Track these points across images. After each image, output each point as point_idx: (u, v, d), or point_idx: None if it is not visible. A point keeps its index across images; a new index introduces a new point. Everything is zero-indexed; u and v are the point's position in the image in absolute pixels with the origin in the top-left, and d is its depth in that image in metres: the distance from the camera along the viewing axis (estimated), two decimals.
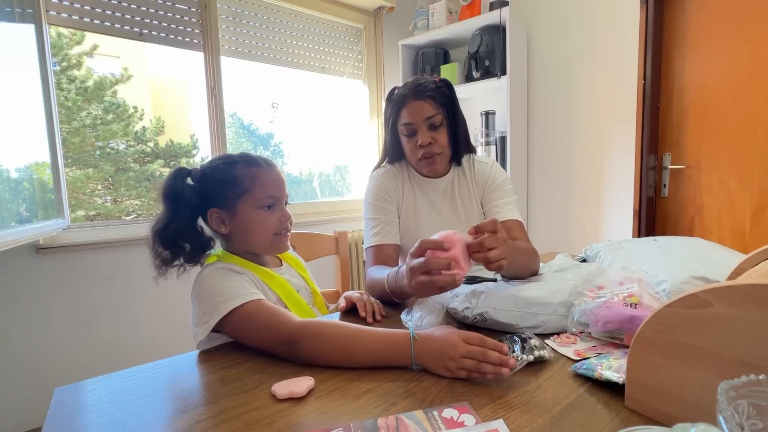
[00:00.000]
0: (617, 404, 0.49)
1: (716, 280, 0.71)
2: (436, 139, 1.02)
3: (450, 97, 1.04)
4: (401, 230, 1.10)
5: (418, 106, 1.00)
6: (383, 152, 1.16)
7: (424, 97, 1.00)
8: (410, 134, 1.04)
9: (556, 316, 0.70)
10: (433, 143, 1.02)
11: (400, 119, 1.04)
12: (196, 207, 0.78)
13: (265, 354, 0.66)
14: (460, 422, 0.46)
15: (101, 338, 1.73)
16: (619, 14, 2.03)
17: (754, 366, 0.37)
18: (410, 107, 1.01)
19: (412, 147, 1.04)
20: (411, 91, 1.01)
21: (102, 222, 1.91)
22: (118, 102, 2.50)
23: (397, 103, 1.04)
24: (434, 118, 1.01)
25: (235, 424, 0.48)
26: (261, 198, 0.79)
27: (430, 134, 1.01)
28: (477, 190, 1.12)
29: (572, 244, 2.25)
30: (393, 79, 2.68)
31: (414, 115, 1.01)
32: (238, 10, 2.13)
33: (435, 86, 1.02)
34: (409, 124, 1.02)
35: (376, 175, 1.12)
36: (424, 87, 1.01)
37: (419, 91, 1.01)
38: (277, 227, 0.81)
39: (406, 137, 1.05)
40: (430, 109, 1.00)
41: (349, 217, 2.53)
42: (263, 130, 2.79)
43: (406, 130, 1.04)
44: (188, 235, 0.77)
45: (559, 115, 2.30)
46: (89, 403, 0.54)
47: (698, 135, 1.94)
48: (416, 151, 1.03)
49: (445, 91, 1.03)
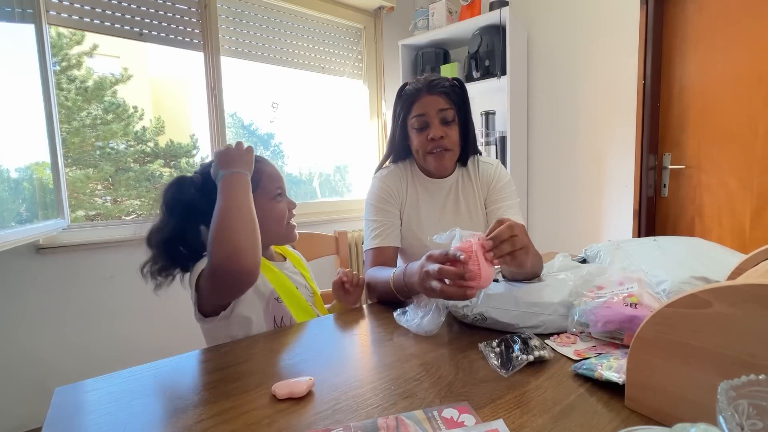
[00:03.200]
0: (617, 404, 0.49)
1: (716, 280, 0.71)
2: (447, 135, 1.01)
3: (463, 97, 1.05)
4: (403, 231, 1.10)
5: (431, 100, 1.00)
6: (387, 150, 1.15)
7: (438, 92, 1.00)
8: (422, 127, 1.02)
9: (556, 316, 0.70)
10: (445, 138, 1.01)
11: (412, 112, 1.03)
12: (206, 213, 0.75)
13: (265, 354, 0.66)
14: (460, 422, 0.46)
15: (101, 338, 1.73)
16: (619, 14, 2.03)
17: (754, 366, 0.37)
18: (424, 100, 1.01)
19: (422, 141, 1.02)
20: (425, 86, 1.02)
21: (102, 222, 1.91)
22: (118, 102, 2.50)
23: (409, 96, 1.03)
24: (447, 113, 1.01)
25: (235, 424, 0.48)
26: (272, 189, 0.85)
27: (442, 129, 1.01)
28: (481, 191, 1.12)
29: (572, 244, 2.25)
30: (393, 79, 2.68)
31: (427, 107, 1.00)
32: (238, 10, 2.13)
33: (449, 84, 1.03)
34: (421, 115, 1.01)
35: (379, 176, 1.11)
36: (438, 83, 1.02)
37: (433, 86, 1.01)
38: (288, 215, 0.87)
39: (416, 130, 1.03)
40: (444, 103, 1.00)
41: (349, 217, 2.53)
42: (263, 130, 2.78)
43: (417, 123, 1.02)
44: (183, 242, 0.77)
45: (559, 115, 2.30)
46: (89, 403, 0.54)
47: (698, 135, 1.94)
48: (426, 145, 1.02)
49: (458, 89, 1.04)
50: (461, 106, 1.04)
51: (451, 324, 0.77)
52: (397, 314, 0.76)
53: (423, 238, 1.07)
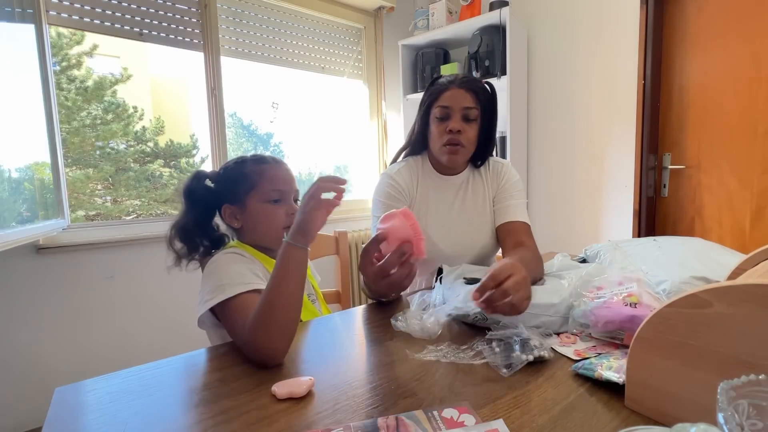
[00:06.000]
0: (617, 404, 0.49)
1: (716, 280, 0.71)
2: (465, 131, 1.02)
3: (491, 101, 1.05)
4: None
5: (459, 94, 1.01)
6: (407, 140, 1.16)
7: (468, 89, 1.02)
8: (443, 117, 1.03)
9: (556, 317, 0.70)
10: (462, 133, 1.01)
11: (438, 101, 1.03)
12: (210, 204, 0.86)
13: None
14: (460, 422, 0.46)
15: (101, 338, 1.73)
16: (619, 14, 2.03)
17: (754, 366, 0.37)
18: (451, 92, 1.02)
19: (440, 131, 1.03)
20: (457, 81, 1.03)
21: (102, 222, 1.91)
22: (118, 102, 2.50)
23: (439, 86, 1.05)
24: (471, 111, 1.01)
25: (235, 424, 0.48)
26: (267, 192, 0.84)
27: (461, 124, 1.01)
28: (491, 188, 1.13)
29: (572, 244, 2.25)
30: (393, 79, 2.68)
31: (453, 100, 1.01)
32: (238, 10, 2.13)
33: (481, 85, 1.04)
34: (445, 107, 1.02)
35: (388, 172, 1.11)
36: (471, 81, 1.03)
37: (465, 82, 1.02)
38: (285, 221, 0.85)
39: (437, 120, 1.04)
40: (470, 101, 1.01)
41: (349, 217, 2.53)
42: (263, 130, 2.79)
43: (440, 113, 1.03)
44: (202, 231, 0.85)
45: (559, 114, 2.30)
46: (89, 403, 0.54)
47: (698, 135, 1.94)
48: (443, 137, 1.03)
49: (488, 93, 1.05)
50: (487, 109, 1.05)
51: (451, 324, 0.77)
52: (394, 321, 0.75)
53: (431, 235, 1.07)
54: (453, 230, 1.09)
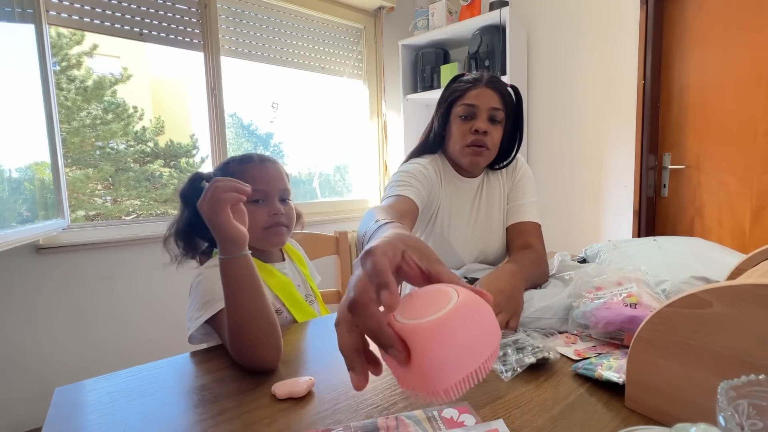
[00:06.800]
0: (617, 404, 0.49)
1: (716, 280, 0.71)
2: (491, 133, 0.96)
3: (517, 105, 1.01)
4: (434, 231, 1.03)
5: (487, 93, 0.96)
6: (423, 140, 1.07)
7: (495, 89, 0.97)
8: (468, 116, 0.97)
9: (556, 319, 0.70)
10: (488, 134, 0.96)
11: (462, 99, 0.97)
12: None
13: None
14: (460, 422, 0.46)
15: (101, 338, 1.73)
16: (619, 14, 2.03)
17: (754, 366, 0.37)
18: (479, 91, 0.96)
19: (464, 131, 0.97)
20: (485, 79, 0.98)
21: (102, 222, 1.91)
22: (117, 102, 2.50)
23: (465, 83, 0.99)
24: (498, 113, 0.97)
25: (235, 424, 0.48)
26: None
27: (488, 125, 0.96)
28: (506, 185, 1.09)
29: (572, 244, 2.25)
30: (393, 79, 2.68)
31: (480, 99, 0.96)
32: (238, 10, 2.13)
33: (508, 87, 1.00)
34: (471, 105, 0.96)
35: (415, 161, 1.01)
36: (498, 81, 0.99)
37: (492, 81, 0.98)
38: (266, 221, 0.83)
39: (461, 119, 0.98)
40: (498, 102, 0.96)
41: (349, 217, 2.53)
42: (263, 130, 2.79)
43: (464, 111, 0.97)
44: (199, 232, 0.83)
45: (559, 114, 2.30)
46: (89, 403, 0.54)
47: (698, 135, 1.94)
48: (466, 137, 0.96)
49: (514, 96, 1.01)
50: (514, 112, 1.00)
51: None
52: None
53: (453, 245, 1.02)
54: (473, 239, 1.05)
